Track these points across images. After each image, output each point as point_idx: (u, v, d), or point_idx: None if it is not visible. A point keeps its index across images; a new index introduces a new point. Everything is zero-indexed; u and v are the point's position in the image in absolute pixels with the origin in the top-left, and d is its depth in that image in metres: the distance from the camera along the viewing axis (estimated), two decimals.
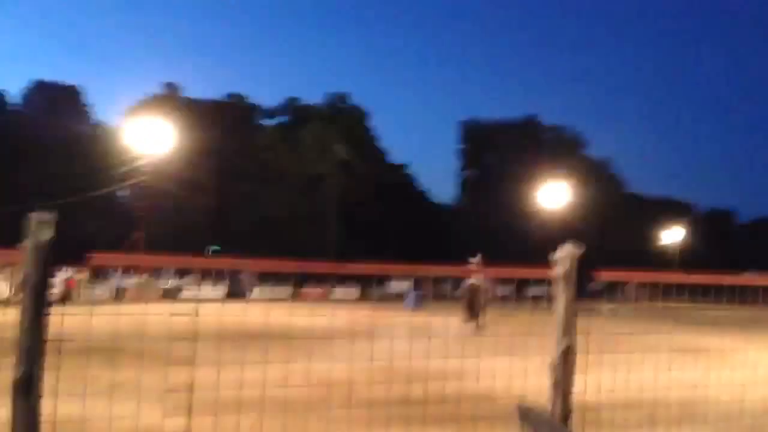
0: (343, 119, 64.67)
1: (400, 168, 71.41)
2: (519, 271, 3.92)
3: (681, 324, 20.48)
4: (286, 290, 41.37)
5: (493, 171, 70.12)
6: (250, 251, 50.91)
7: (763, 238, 77.57)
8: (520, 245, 57.40)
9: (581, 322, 3.70)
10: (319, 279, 42.60)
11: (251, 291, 40.10)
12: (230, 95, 66.08)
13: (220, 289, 38.99)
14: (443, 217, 69.70)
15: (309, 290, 42.10)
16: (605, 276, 3.78)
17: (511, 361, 4.75)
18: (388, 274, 36.08)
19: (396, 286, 41.38)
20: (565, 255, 3.59)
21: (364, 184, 59.67)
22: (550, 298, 3.69)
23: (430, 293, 37.25)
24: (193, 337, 3.74)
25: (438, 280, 41.78)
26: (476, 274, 21.89)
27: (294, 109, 67.39)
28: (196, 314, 3.60)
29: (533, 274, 3.91)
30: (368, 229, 59.07)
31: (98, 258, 4.47)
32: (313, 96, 75.11)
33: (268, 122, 67.89)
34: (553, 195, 51.56)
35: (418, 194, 71.41)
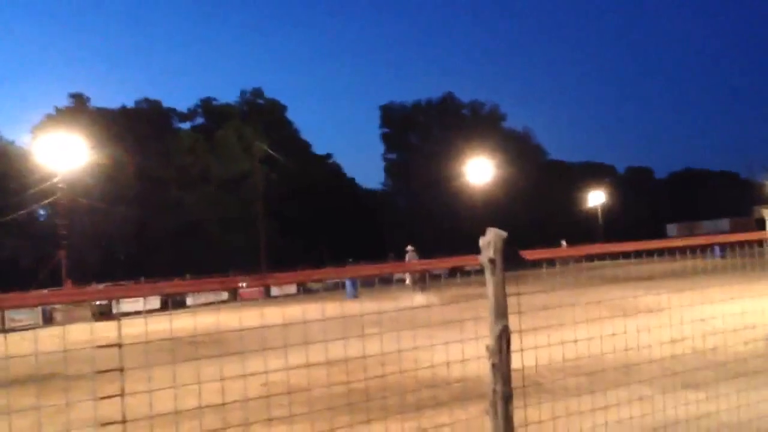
0: (262, 115, 63.92)
1: (325, 158, 71.16)
2: (449, 261, 3.95)
3: (609, 281, 21.23)
4: (222, 294, 40.75)
5: (417, 152, 70.70)
6: (180, 256, 50.03)
7: (679, 191, 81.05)
8: (451, 222, 58.22)
9: (516, 289, 3.77)
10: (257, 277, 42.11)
11: (186, 298, 39.30)
12: (142, 101, 64.26)
13: (155, 300, 38.06)
14: (373, 203, 69.94)
15: (245, 292, 41.53)
16: (533, 255, 3.85)
17: (450, 339, 4.81)
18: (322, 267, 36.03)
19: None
20: (490, 240, 3.64)
21: (291, 178, 59.20)
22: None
23: (370, 280, 37.40)
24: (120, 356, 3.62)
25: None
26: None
27: (210, 109, 66.13)
28: (120, 343, 3.48)
29: (463, 262, 3.94)
30: (300, 224, 58.75)
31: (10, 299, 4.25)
32: (228, 95, 73.84)
33: (184, 126, 66.43)
34: (478, 170, 52.34)
35: (346, 183, 71.35)
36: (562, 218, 65.54)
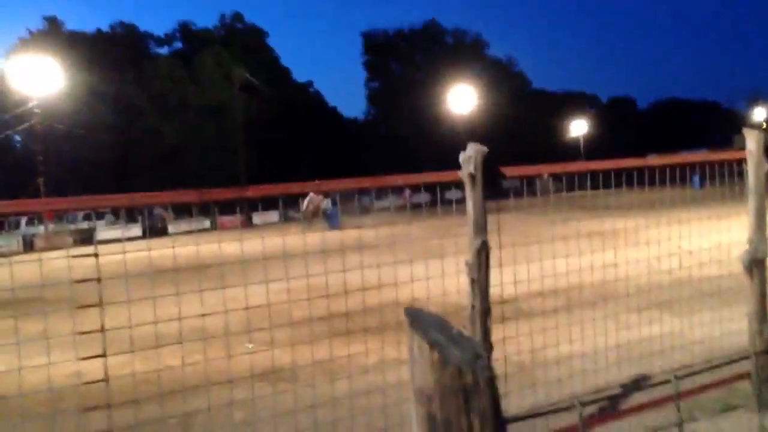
0: (241, 41, 62.39)
1: (306, 86, 70.06)
2: (428, 175, 3.87)
3: (589, 210, 21.39)
4: (204, 222, 40.66)
5: (399, 80, 69.76)
6: (159, 186, 49.50)
7: (661, 121, 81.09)
8: (433, 151, 58.02)
9: (496, 220, 3.73)
10: (239, 207, 42.00)
11: (168, 226, 39.20)
12: (117, 24, 62.44)
13: (136, 228, 37.92)
14: (355, 132, 69.38)
15: (228, 219, 41.47)
16: (512, 172, 3.78)
17: (428, 265, 4.80)
18: (304, 193, 35.83)
19: None
20: (470, 155, 3.56)
21: (271, 105, 58.33)
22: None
23: (353, 209, 37.39)
24: (98, 277, 3.55)
25: (356, 195, 41.87)
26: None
27: (188, 34, 64.43)
28: (96, 253, 3.40)
29: (442, 178, 3.86)
30: (280, 152, 58.22)
31: None
32: (206, 19, 71.74)
33: (162, 51, 64.80)
34: (461, 98, 51.87)
35: (327, 111, 70.50)
36: (545, 148, 65.49)
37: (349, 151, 64.14)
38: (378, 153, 61.69)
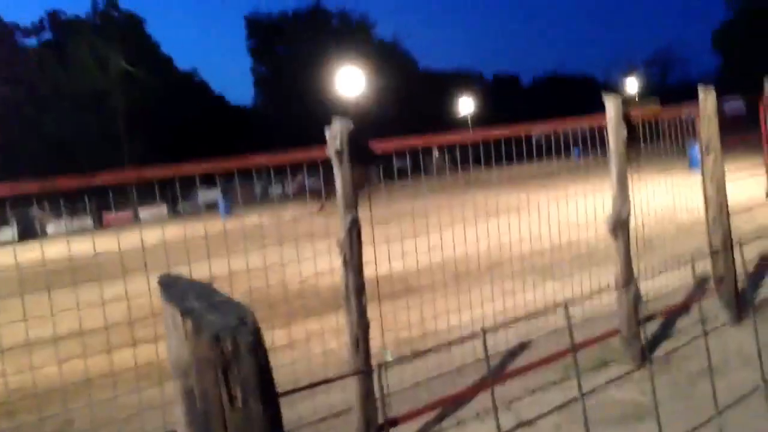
0: (117, 29, 59.62)
1: (190, 74, 67.93)
2: (295, 154, 3.79)
3: (474, 185, 21.93)
4: (86, 220, 38.78)
5: (286, 64, 68.82)
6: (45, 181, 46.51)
7: (544, 97, 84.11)
8: (323, 135, 57.55)
9: (397, 198, 3.70)
10: (123, 202, 40.39)
11: (46, 226, 37.15)
12: None
13: (9, 232, 35.71)
14: (243, 119, 67.99)
15: (113, 216, 39.79)
16: (381, 147, 3.75)
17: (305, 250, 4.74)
18: (192, 184, 34.77)
19: (205, 197, 40.17)
20: (337, 131, 3.50)
21: (153, 95, 56.20)
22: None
23: (246, 198, 36.73)
24: None
25: (247, 185, 41.19)
26: None
27: (58, 23, 60.93)
28: None
29: (309, 155, 3.78)
30: (167, 143, 56.28)
31: None
32: (77, 7, 68.01)
33: (30, 41, 60.99)
34: (349, 81, 51.80)
35: (214, 99, 68.68)
36: (435, 127, 66.46)
37: (239, 138, 62.81)
38: (268, 139, 60.71)
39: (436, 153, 48.33)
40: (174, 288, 0.84)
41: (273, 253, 4.48)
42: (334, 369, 4.45)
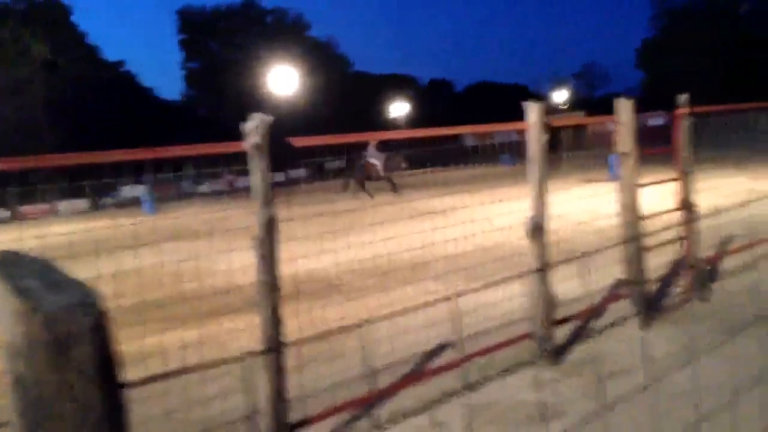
0: (42, 17, 57.30)
1: (117, 65, 65.89)
2: (209, 147, 3.70)
3: (407, 189, 22.10)
4: (4, 212, 37.13)
5: (218, 60, 67.69)
6: None
7: (476, 103, 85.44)
8: None
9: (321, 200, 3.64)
10: (41, 194, 38.79)
11: None
12: None
13: None
14: (172, 113, 66.42)
15: (30, 208, 38.21)
16: (300, 142, 3.70)
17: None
18: (115, 181, 33.71)
19: (129, 191, 39.04)
20: (255, 125, 3.44)
21: (78, 86, 54.27)
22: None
23: (173, 193, 35.88)
24: None
25: (176, 180, 40.29)
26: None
27: None
28: None
29: (226, 149, 3.70)
30: (92, 135, 54.41)
31: None
32: None
33: None
34: (283, 80, 51.35)
35: (141, 92, 66.82)
36: (368, 129, 66.63)
37: (167, 133, 61.30)
38: (198, 135, 59.42)
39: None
40: (12, 266, 0.78)
41: (191, 251, 4.38)
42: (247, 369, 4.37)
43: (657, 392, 3.83)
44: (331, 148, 45.94)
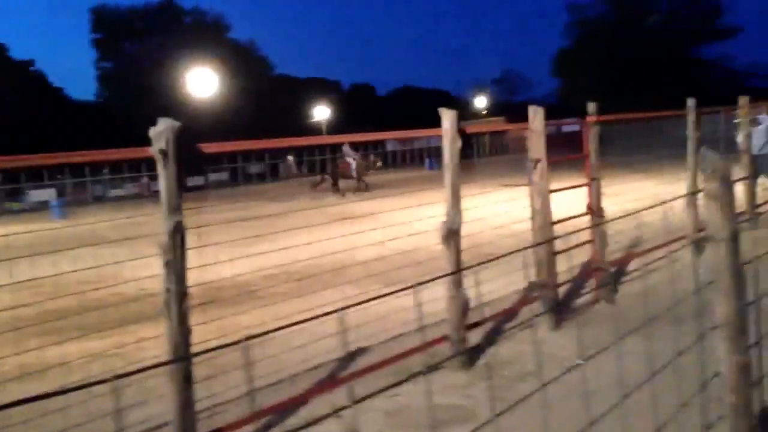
0: None
1: (26, 64, 63.08)
2: (117, 152, 3.57)
3: (323, 192, 22.03)
4: None
5: (134, 60, 65.77)
6: None
7: (398, 107, 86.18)
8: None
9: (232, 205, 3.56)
10: None
11: None
12: None
13: None
14: (85, 115, 64.04)
15: None
16: (210, 148, 3.61)
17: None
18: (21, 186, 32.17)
19: (37, 195, 37.34)
20: (161, 130, 3.34)
21: None
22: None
23: (86, 197, 34.57)
24: None
25: (93, 184, 38.87)
26: None
27: None
28: None
29: (134, 154, 3.58)
30: None
31: None
32: None
33: None
34: (201, 82, 50.33)
35: (52, 92, 64.15)
36: (289, 132, 66.13)
37: (81, 135, 59.08)
38: (113, 137, 57.57)
39: (290, 158, 48.06)
40: None
41: (101, 257, 4.22)
42: (155, 379, 4.24)
43: (556, 392, 3.93)
44: (254, 152, 45.36)
